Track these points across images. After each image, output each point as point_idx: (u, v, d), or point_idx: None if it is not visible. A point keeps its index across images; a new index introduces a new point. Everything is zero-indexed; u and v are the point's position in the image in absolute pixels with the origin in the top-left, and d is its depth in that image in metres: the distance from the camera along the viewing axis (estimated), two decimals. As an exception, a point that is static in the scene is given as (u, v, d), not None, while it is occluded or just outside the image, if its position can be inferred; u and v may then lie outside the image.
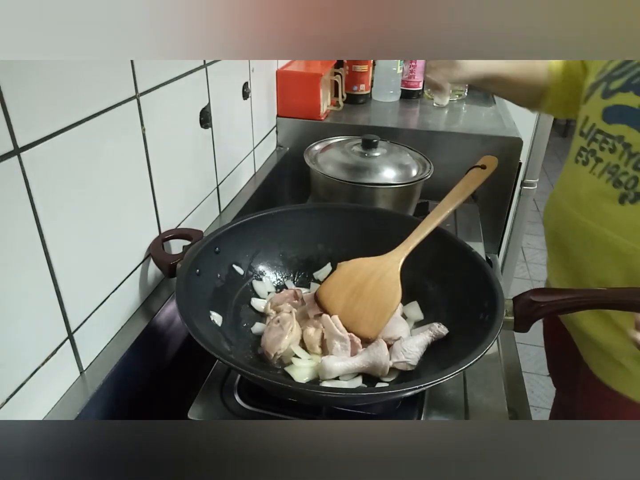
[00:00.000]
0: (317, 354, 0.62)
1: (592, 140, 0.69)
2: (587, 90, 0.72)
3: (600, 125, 0.68)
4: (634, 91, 0.64)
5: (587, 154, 0.70)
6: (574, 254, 0.73)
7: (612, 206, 0.65)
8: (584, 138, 0.71)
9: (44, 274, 0.49)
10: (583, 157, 0.71)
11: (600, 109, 0.68)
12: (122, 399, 0.61)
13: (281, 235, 0.75)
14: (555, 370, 1.00)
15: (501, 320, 0.55)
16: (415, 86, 1.38)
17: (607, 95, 0.67)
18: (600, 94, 0.68)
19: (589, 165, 0.69)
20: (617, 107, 0.66)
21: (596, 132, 0.68)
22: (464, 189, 0.71)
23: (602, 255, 0.68)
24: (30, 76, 0.44)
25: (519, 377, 0.88)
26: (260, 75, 1.05)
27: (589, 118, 0.70)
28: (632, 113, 0.63)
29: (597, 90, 0.69)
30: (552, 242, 0.80)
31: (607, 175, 0.66)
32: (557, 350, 0.94)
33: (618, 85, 0.66)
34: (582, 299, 0.57)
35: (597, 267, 0.69)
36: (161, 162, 0.68)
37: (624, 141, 0.64)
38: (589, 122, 0.70)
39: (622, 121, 0.65)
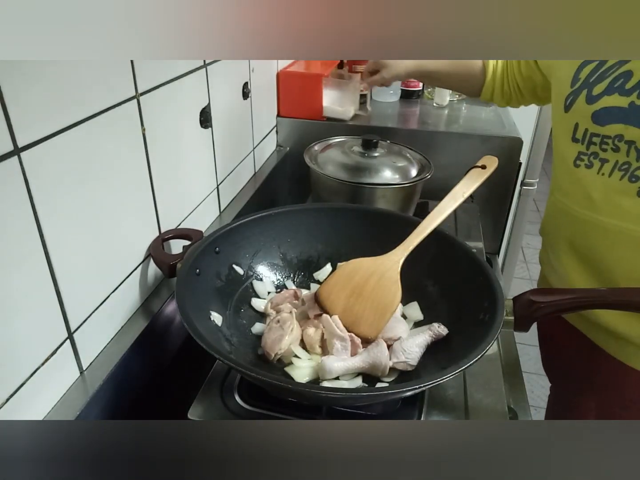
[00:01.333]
0: (317, 354, 0.62)
1: (590, 144, 0.71)
2: (564, 100, 0.74)
3: (593, 129, 0.70)
4: (618, 93, 0.67)
5: (588, 158, 0.72)
6: (597, 256, 0.74)
7: (631, 201, 0.67)
8: (579, 144, 0.73)
9: (44, 274, 0.49)
10: (585, 161, 0.72)
11: (589, 114, 0.70)
12: (122, 399, 0.61)
13: (281, 235, 0.75)
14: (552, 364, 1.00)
15: (501, 320, 0.55)
16: (415, 86, 1.38)
17: (592, 100, 0.70)
18: (584, 101, 0.71)
19: (595, 168, 0.71)
20: (606, 110, 0.68)
21: (592, 136, 0.71)
22: (464, 189, 0.71)
23: (629, 251, 0.70)
24: (30, 76, 0.44)
25: (519, 377, 0.88)
26: (260, 75, 1.05)
27: (579, 124, 0.72)
28: (624, 112, 0.66)
29: (579, 98, 0.71)
30: (568, 248, 0.80)
31: (620, 173, 0.68)
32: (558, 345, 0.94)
33: (601, 90, 0.69)
34: (582, 299, 0.57)
35: (625, 263, 0.71)
36: (161, 162, 0.68)
37: (625, 139, 0.66)
38: (581, 128, 0.72)
39: (615, 121, 0.67)
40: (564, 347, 0.91)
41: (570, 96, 0.73)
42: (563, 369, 0.95)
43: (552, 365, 1.00)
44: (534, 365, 1.98)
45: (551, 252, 0.86)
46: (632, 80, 0.66)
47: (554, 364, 1.00)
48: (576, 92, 0.72)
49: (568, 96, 0.74)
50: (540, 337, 0.99)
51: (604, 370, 0.81)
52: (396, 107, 1.34)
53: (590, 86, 0.70)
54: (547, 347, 0.99)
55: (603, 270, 0.74)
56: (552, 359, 1.00)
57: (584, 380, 0.86)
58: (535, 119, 1.70)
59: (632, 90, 0.65)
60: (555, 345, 0.95)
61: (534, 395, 1.84)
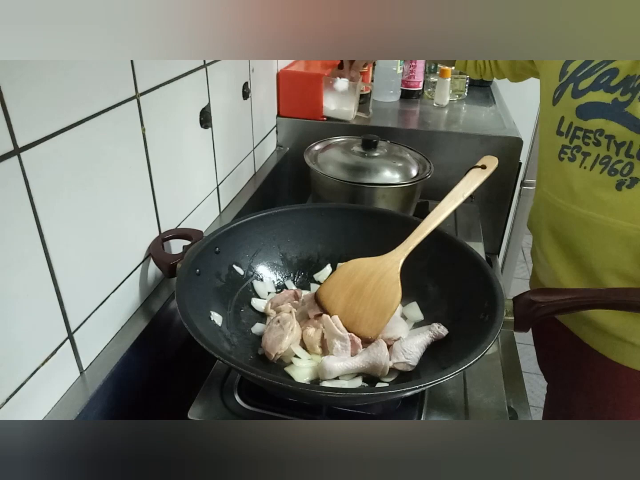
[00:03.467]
0: (317, 354, 0.62)
1: (574, 137, 0.73)
2: (553, 93, 0.76)
3: (577, 122, 0.72)
4: (603, 89, 0.69)
5: (571, 151, 0.74)
6: (578, 246, 0.76)
7: (610, 194, 0.69)
8: (563, 137, 0.75)
9: (44, 274, 0.49)
10: (568, 154, 0.74)
11: (574, 107, 0.72)
12: (122, 399, 0.61)
13: (281, 236, 0.75)
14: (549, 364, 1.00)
15: (501, 320, 0.55)
16: (415, 86, 1.38)
17: (577, 94, 0.72)
18: (569, 94, 0.72)
19: (577, 161, 0.73)
20: (590, 104, 0.70)
21: (575, 129, 0.72)
22: (464, 189, 0.71)
23: (609, 243, 0.71)
24: (30, 76, 0.44)
25: (519, 377, 0.88)
26: (260, 75, 1.05)
27: (565, 118, 0.74)
28: (607, 108, 0.68)
29: (565, 91, 0.73)
30: (552, 240, 0.81)
31: (600, 166, 0.70)
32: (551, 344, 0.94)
33: (587, 85, 0.70)
34: (582, 299, 0.57)
35: (605, 255, 0.72)
36: (161, 162, 0.68)
37: (605, 134, 0.68)
38: (566, 122, 0.74)
39: (598, 116, 0.69)
40: (556, 346, 0.91)
41: (559, 89, 0.75)
42: (556, 368, 0.96)
43: (546, 364, 1.00)
44: (534, 365, 1.97)
45: (537, 244, 0.88)
46: (617, 78, 0.68)
47: (547, 362, 1.00)
48: (563, 86, 0.74)
49: (556, 89, 0.75)
50: (534, 335, 0.99)
51: (596, 369, 0.82)
52: (396, 107, 1.34)
53: (577, 80, 0.72)
54: (540, 345, 1.00)
55: (585, 263, 0.76)
56: (545, 358, 1.00)
57: (576, 379, 0.87)
58: (535, 119, 1.70)
59: (617, 88, 0.67)
60: (547, 344, 0.96)
61: (534, 395, 1.84)
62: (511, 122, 1.21)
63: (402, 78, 1.36)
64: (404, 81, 1.37)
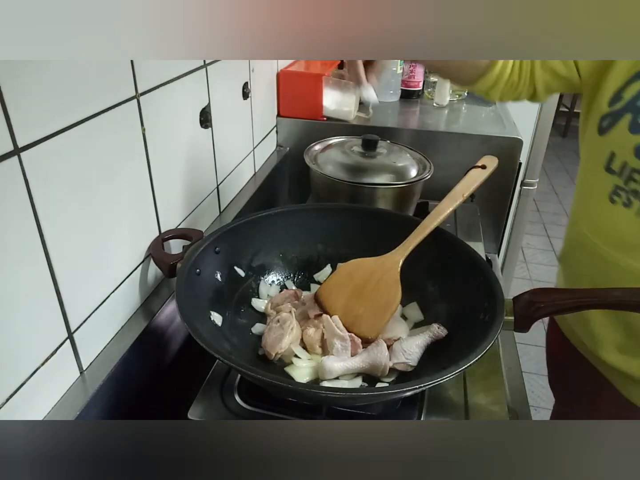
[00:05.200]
0: (317, 354, 0.62)
1: (630, 180, 0.62)
2: (600, 120, 0.65)
3: (634, 163, 0.61)
4: None
5: (627, 195, 0.63)
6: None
7: None
8: (616, 176, 0.63)
9: (44, 274, 0.49)
10: (622, 198, 0.63)
11: (632, 145, 0.60)
12: (122, 399, 0.61)
13: (281, 235, 0.75)
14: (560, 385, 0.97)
15: (501, 320, 0.55)
16: (415, 86, 1.38)
17: (637, 130, 0.60)
18: (626, 128, 0.61)
19: (634, 207, 0.62)
20: None
21: (632, 172, 0.61)
22: (464, 189, 0.71)
23: None
24: (31, 76, 0.44)
25: (519, 377, 0.88)
26: (260, 75, 1.05)
27: (617, 155, 0.63)
28: None
29: (619, 123, 0.62)
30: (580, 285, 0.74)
31: None
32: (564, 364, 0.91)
33: None
34: (582, 299, 0.57)
35: None
36: (161, 162, 0.68)
37: None
38: (618, 160, 0.63)
39: None
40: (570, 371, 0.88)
41: (608, 118, 0.63)
42: (568, 391, 0.93)
43: (557, 386, 0.98)
44: (534, 365, 1.98)
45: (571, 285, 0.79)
46: None
47: (559, 385, 0.97)
48: (616, 115, 0.62)
49: (605, 116, 0.64)
50: (547, 356, 0.97)
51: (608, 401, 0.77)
52: (396, 107, 1.34)
53: (637, 111, 0.59)
54: (553, 367, 0.97)
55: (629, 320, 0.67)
56: (557, 380, 0.97)
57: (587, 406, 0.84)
58: (535, 119, 1.70)
59: None
60: (561, 367, 0.93)
61: (534, 395, 1.84)
62: (511, 122, 1.22)
63: (402, 78, 1.36)
64: (404, 81, 1.37)
